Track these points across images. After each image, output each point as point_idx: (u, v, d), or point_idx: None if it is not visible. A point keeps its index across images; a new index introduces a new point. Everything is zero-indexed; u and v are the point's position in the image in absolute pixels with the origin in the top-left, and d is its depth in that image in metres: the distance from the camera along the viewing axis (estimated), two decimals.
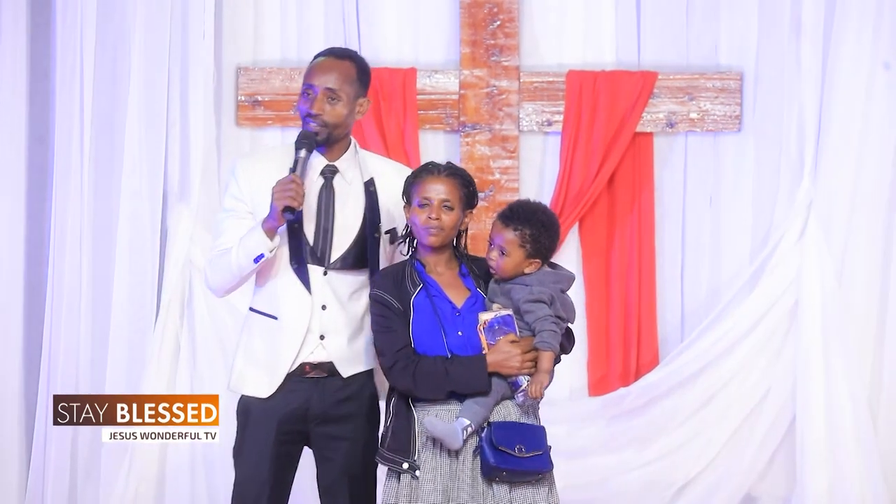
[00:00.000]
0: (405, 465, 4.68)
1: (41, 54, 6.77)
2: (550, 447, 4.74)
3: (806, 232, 6.75)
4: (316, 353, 4.84)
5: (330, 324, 4.84)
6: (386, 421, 4.78)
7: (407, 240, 4.88)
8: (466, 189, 4.79)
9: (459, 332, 4.71)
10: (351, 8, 6.89)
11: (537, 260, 4.76)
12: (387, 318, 4.74)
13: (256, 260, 4.74)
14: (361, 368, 4.90)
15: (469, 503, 4.63)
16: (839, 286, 6.74)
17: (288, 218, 4.73)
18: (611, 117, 6.84)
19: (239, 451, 4.91)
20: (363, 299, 4.87)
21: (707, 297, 6.93)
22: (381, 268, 4.88)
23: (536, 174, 6.96)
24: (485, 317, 4.71)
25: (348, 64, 4.88)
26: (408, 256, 4.87)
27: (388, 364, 4.71)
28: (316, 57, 4.92)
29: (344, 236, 4.85)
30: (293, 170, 4.76)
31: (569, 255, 6.89)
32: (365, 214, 4.88)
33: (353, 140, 4.98)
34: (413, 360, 4.68)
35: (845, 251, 6.77)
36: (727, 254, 6.92)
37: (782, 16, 6.78)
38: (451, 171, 4.79)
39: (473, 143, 6.85)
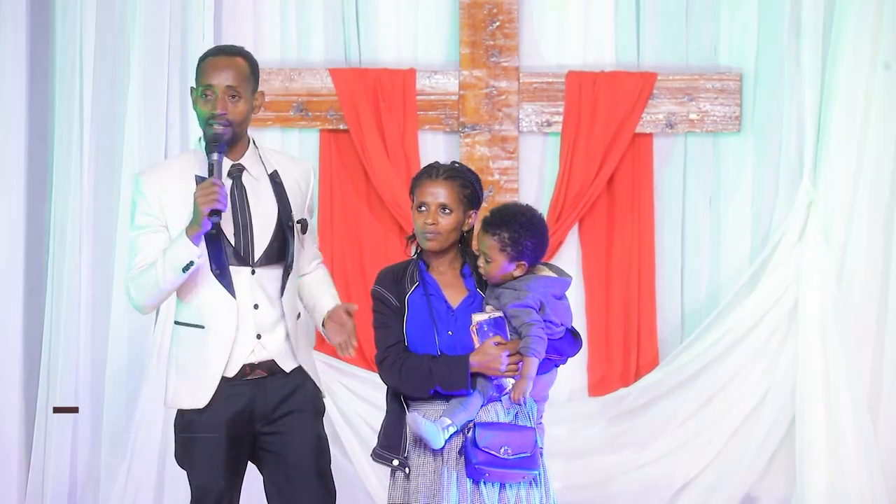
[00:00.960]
0: (395, 462, 4.70)
1: (41, 54, 6.77)
2: (542, 448, 4.73)
3: (806, 232, 6.75)
4: (256, 353, 4.83)
5: (264, 322, 4.83)
6: (384, 419, 4.80)
7: (412, 240, 4.88)
8: (467, 190, 4.77)
9: (450, 332, 4.72)
10: (350, 8, 6.88)
11: (522, 262, 4.75)
12: (383, 314, 4.77)
13: (186, 269, 4.71)
14: (297, 362, 4.90)
15: (449, 502, 4.63)
16: (839, 286, 6.74)
17: (214, 220, 4.70)
18: (610, 118, 6.84)
19: (190, 462, 4.87)
20: (287, 293, 4.87)
21: (707, 298, 6.93)
22: (295, 258, 4.88)
23: (536, 175, 6.95)
24: (478, 318, 4.71)
25: (241, 60, 4.85)
26: (413, 255, 4.88)
27: (379, 359, 4.74)
28: (205, 57, 4.86)
29: (263, 232, 4.83)
30: (210, 173, 4.73)
31: (569, 255, 6.89)
32: (277, 207, 4.87)
33: (251, 137, 4.94)
34: (401, 356, 4.69)
35: (845, 251, 6.77)
36: (727, 254, 6.91)
37: (782, 16, 6.78)
38: (450, 174, 4.77)
39: (473, 144, 6.85)
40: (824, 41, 6.74)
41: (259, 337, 4.83)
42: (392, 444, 4.71)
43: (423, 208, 4.75)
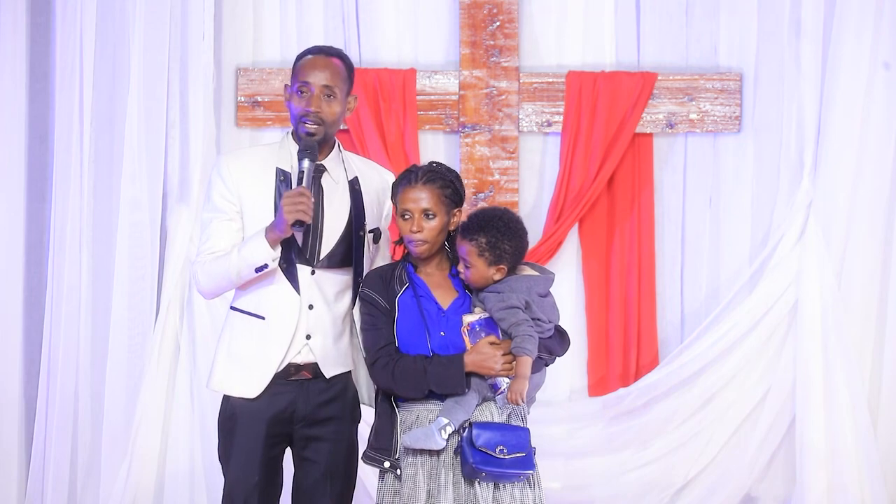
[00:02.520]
0: (386, 464, 4.71)
1: (41, 54, 6.77)
2: (535, 449, 4.73)
3: (806, 232, 6.75)
4: (302, 354, 4.84)
5: (316, 324, 4.84)
6: (374, 420, 4.81)
7: (400, 243, 4.88)
8: (447, 190, 4.77)
9: (442, 333, 4.72)
10: (350, 8, 6.89)
11: (502, 266, 4.74)
12: (373, 316, 4.77)
13: (258, 270, 4.74)
14: (343, 369, 4.91)
15: (447, 502, 4.64)
16: (839, 286, 6.74)
17: (297, 230, 4.74)
18: (610, 118, 6.84)
19: (227, 455, 4.89)
20: (347, 299, 4.88)
21: (707, 298, 6.93)
22: (365, 267, 4.90)
23: (536, 175, 6.96)
24: (468, 319, 4.72)
25: (338, 61, 4.89)
26: (401, 258, 4.89)
27: (370, 361, 4.75)
28: (304, 55, 4.92)
29: (331, 235, 4.85)
30: (300, 181, 4.74)
31: (569, 255, 6.89)
32: (350, 212, 4.88)
33: (337, 140, 4.97)
34: (394, 357, 4.70)
35: (845, 251, 6.77)
36: (727, 254, 6.92)
37: (782, 16, 6.78)
38: (429, 178, 4.76)
39: (473, 144, 6.85)
40: (824, 41, 6.74)
41: (308, 338, 4.83)
42: (383, 446, 4.72)
43: (407, 216, 4.76)
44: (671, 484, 6.80)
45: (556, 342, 4.83)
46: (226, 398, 4.90)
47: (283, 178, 4.83)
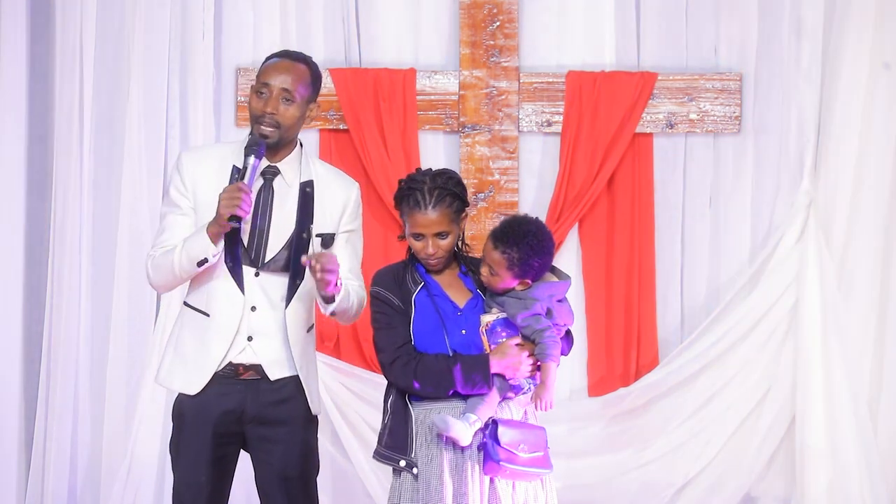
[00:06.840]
0: (402, 463, 4.69)
1: (41, 54, 6.77)
2: (549, 449, 4.74)
3: (806, 232, 6.75)
4: (245, 354, 4.81)
5: (259, 326, 4.80)
6: (384, 418, 4.78)
7: (404, 239, 4.88)
8: (455, 203, 4.75)
9: (463, 331, 4.72)
10: (350, 8, 6.89)
11: (527, 280, 4.75)
12: (387, 315, 4.75)
13: (200, 264, 4.72)
14: (290, 373, 4.85)
15: (474, 500, 4.64)
16: (839, 286, 6.74)
17: (233, 225, 4.70)
18: (610, 118, 6.84)
19: (175, 453, 4.87)
20: (291, 302, 4.83)
21: (707, 298, 6.93)
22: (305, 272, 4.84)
23: (536, 175, 6.95)
24: (487, 319, 4.73)
25: (303, 67, 4.87)
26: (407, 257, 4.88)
27: (388, 360, 4.71)
28: (270, 58, 4.90)
29: (278, 238, 4.81)
30: (241, 177, 4.73)
31: (569, 255, 6.89)
32: (298, 216, 4.84)
33: (301, 142, 4.94)
34: (414, 357, 4.68)
35: (845, 251, 6.78)
36: (727, 254, 6.92)
37: (782, 16, 6.79)
38: (437, 199, 4.73)
39: (473, 144, 6.85)
40: (824, 41, 6.75)
41: (250, 339, 4.81)
42: (398, 445, 4.70)
43: (420, 238, 4.75)
44: (671, 484, 6.80)
45: (565, 344, 4.85)
46: (178, 394, 4.89)
47: (236, 175, 4.80)
